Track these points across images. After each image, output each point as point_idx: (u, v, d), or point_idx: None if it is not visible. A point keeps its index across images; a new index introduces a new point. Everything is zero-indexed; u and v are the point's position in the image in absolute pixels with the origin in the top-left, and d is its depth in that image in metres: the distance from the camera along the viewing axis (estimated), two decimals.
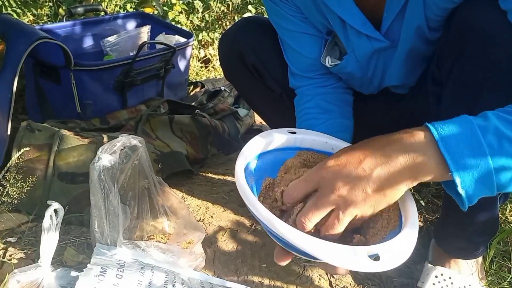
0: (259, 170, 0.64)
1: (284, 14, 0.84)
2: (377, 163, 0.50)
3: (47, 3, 2.00)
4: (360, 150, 0.52)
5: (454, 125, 0.49)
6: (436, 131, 0.49)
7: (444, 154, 0.48)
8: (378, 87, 0.88)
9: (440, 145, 0.48)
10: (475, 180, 0.48)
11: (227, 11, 2.61)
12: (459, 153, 0.47)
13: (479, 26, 0.62)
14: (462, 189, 0.48)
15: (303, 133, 0.67)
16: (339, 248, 0.47)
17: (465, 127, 0.49)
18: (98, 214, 0.78)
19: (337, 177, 0.51)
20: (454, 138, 0.48)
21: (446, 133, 0.48)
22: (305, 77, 0.89)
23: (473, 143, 0.48)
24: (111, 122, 1.30)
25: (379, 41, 0.76)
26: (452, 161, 0.47)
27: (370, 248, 0.48)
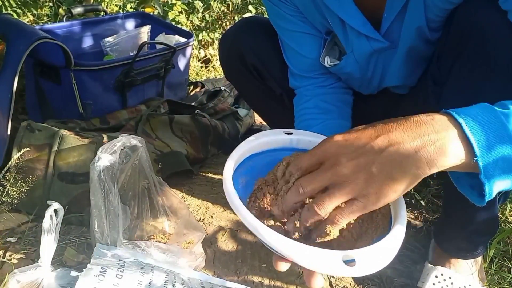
0: (252, 170, 0.63)
1: (284, 14, 0.84)
2: (391, 142, 0.44)
3: (47, 3, 2.00)
4: (373, 128, 0.47)
5: (476, 110, 0.45)
6: (459, 115, 0.44)
7: (468, 136, 0.42)
8: (377, 87, 0.88)
9: (464, 127, 0.43)
10: (499, 169, 0.43)
11: (227, 11, 2.61)
12: (484, 138, 0.43)
13: (479, 26, 0.62)
14: (485, 177, 0.43)
15: (299, 134, 0.66)
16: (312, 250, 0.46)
17: (487, 112, 0.44)
18: (98, 214, 0.78)
19: (341, 151, 0.46)
20: (478, 122, 0.43)
21: (470, 117, 0.44)
22: (305, 77, 0.89)
23: (498, 128, 0.43)
24: (111, 122, 1.30)
25: (378, 41, 0.76)
26: (478, 146, 0.42)
27: (347, 252, 0.46)
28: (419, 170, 0.44)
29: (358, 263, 0.45)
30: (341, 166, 0.45)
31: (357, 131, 0.48)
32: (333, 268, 0.45)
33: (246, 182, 0.61)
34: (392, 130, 0.45)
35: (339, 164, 0.46)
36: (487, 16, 0.62)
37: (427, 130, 0.44)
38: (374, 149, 0.44)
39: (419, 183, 0.47)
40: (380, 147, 0.44)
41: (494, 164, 0.43)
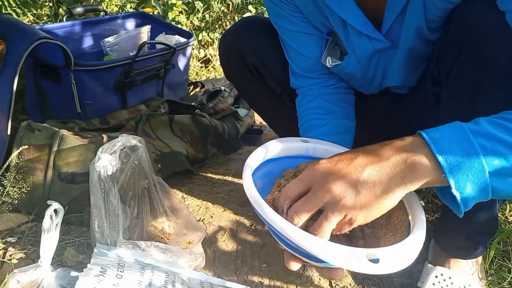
0: (269, 174, 0.65)
1: (284, 14, 0.84)
2: (368, 161, 0.50)
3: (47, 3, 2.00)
4: (353, 152, 0.53)
5: (445, 130, 0.49)
6: (428, 135, 0.49)
7: (436, 155, 0.47)
8: (379, 87, 0.88)
9: (432, 147, 0.48)
10: (470, 181, 0.47)
11: (227, 11, 2.61)
12: (452, 154, 0.47)
13: (478, 26, 0.62)
14: (457, 190, 0.47)
15: (315, 143, 0.68)
16: (338, 248, 0.48)
17: (456, 131, 0.49)
18: (98, 214, 0.78)
19: (328, 175, 0.51)
20: (446, 140, 0.48)
21: (438, 136, 0.49)
22: (307, 77, 0.89)
23: (465, 144, 0.47)
24: (111, 122, 1.30)
25: (379, 41, 0.76)
26: (445, 162, 0.47)
27: (370, 250, 0.48)
28: (397, 186, 0.49)
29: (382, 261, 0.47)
30: (330, 186, 0.50)
31: (339, 156, 0.54)
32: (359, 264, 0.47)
33: (263, 185, 0.63)
34: (369, 151, 0.51)
35: (327, 185, 0.50)
36: (486, 17, 0.62)
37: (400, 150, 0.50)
38: (356, 169, 0.50)
39: None
40: (360, 165, 0.50)
41: (464, 179, 0.47)
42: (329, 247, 0.48)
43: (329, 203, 0.50)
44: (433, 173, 0.48)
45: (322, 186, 0.51)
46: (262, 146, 0.64)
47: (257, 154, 0.63)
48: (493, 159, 0.47)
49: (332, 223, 0.51)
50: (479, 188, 0.48)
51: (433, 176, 0.48)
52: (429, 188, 1.17)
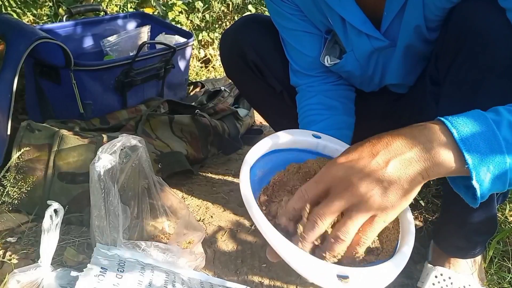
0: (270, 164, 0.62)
1: (284, 13, 0.84)
2: (391, 156, 0.47)
3: (47, 3, 1.99)
4: (370, 145, 0.49)
5: (468, 118, 0.47)
6: (451, 123, 0.47)
7: (459, 145, 0.45)
8: (378, 84, 0.88)
9: (456, 137, 0.46)
10: (490, 173, 0.45)
11: (227, 11, 2.61)
12: (474, 145, 0.45)
13: (476, 25, 0.63)
14: (477, 182, 0.46)
15: (327, 140, 0.66)
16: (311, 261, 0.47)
17: (480, 121, 0.47)
18: (98, 214, 0.78)
19: (351, 173, 0.47)
20: (470, 130, 0.46)
21: (461, 125, 0.46)
22: (307, 75, 0.89)
23: (490, 136, 0.45)
24: (111, 122, 1.30)
25: (379, 40, 0.76)
26: (468, 154, 0.45)
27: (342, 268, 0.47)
28: (420, 177, 0.47)
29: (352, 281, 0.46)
30: (355, 188, 0.47)
31: (356, 151, 0.49)
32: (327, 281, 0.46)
33: (263, 175, 0.61)
34: (390, 143, 0.48)
35: (352, 186, 0.47)
36: (485, 16, 0.62)
37: (421, 140, 0.47)
38: (380, 164, 0.47)
39: None
40: (383, 161, 0.47)
41: (485, 170, 0.45)
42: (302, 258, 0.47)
43: (355, 203, 0.47)
44: (456, 164, 0.46)
45: (346, 186, 0.47)
46: (272, 135, 0.62)
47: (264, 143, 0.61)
48: None
49: (357, 223, 0.48)
50: (498, 180, 0.46)
51: (455, 167, 0.46)
52: (429, 188, 1.17)
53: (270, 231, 0.48)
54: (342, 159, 0.50)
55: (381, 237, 0.57)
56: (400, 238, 0.56)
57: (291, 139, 0.64)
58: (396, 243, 0.56)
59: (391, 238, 0.56)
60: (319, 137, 0.66)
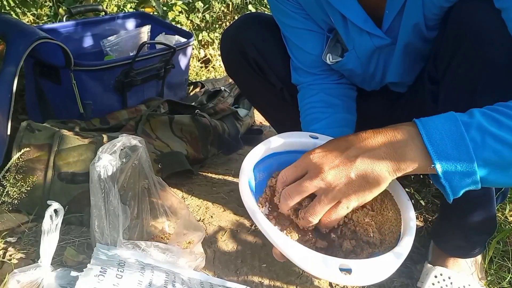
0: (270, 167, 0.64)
1: (286, 11, 0.84)
2: (362, 150, 0.53)
3: (47, 3, 1.99)
4: (346, 140, 0.55)
5: (439, 120, 0.51)
6: (422, 125, 0.51)
7: (427, 145, 0.49)
8: (380, 83, 0.88)
9: (424, 137, 0.50)
10: (458, 172, 0.49)
11: (227, 11, 2.61)
12: (442, 146, 0.49)
13: (474, 24, 0.63)
14: (445, 181, 0.50)
15: (324, 140, 0.67)
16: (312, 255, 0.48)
17: (450, 123, 0.50)
18: (98, 214, 0.78)
19: (323, 162, 0.54)
20: (438, 132, 0.50)
21: (431, 127, 0.50)
22: (309, 73, 0.89)
23: (456, 137, 0.49)
24: (111, 122, 1.30)
25: (380, 38, 0.77)
26: (434, 153, 0.49)
27: (344, 261, 0.49)
28: (387, 173, 0.52)
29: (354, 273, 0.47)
30: (325, 173, 0.53)
31: (333, 142, 0.56)
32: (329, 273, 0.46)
33: (263, 178, 0.64)
34: (363, 140, 0.54)
35: (322, 172, 0.53)
36: (483, 15, 0.62)
37: (392, 139, 0.52)
38: (350, 156, 0.53)
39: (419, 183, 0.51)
40: (354, 154, 0.53)
41: (452, 169, 0.49)
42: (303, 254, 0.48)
43: (323, 189, 0.53)
44: (423, 163, 0.51)
45: (317, 173, 0.53)
46: (270, 139, 0.64)
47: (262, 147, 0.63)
48: (483, 153, 0.49)
49: (325, 206, 0.54)
50: (467, 179, 0.50)
51: (422, 165, 0.51)
52: (429, 188, 1.17)
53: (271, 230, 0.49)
54: (319, 149, 0.56)
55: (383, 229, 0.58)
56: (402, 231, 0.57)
57: (289, 141, 0.65)
58: (398, 234, 0.57)
59: (393, 230, 0.58)
60: (316, 137, 0.67)
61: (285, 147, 0.66)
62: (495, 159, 0.49)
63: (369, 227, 0.58)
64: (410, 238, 0.56)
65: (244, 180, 0.57)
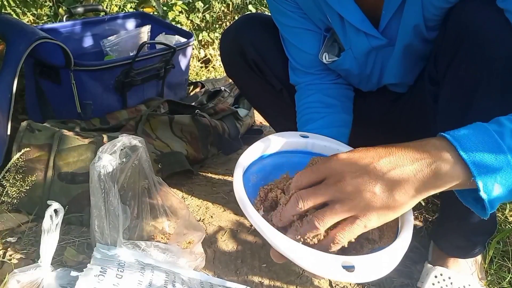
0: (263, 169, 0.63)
1: (284, 10, 0.84)
2: (392, 165, 0.47)
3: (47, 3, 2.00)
4: (376, 150, 0.49)
5: (469, 131, 0.47)
6: (453, 138, 0.46)
7: (464, 157, 0.45)
8: (377, 84, 0.88)
9: (459, 150, 0.45)
10: (498, 183, 0.45)
11: (227, 11, 2.61)
12: (479, 156, 0.45)
13: (475, 25, 0.63)
14: (485, 193, 0.45)
15: (315, 138, 0.66)
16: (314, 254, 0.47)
17: (482, 132, 0.47)
18: (98, 214, 0.78)
19: (347, 170, 0.48)
20: (472, 142, 0.46)
21: (464, 138, 0.46)
22: (307, 73, 0.89)
23: (493, 146, 0.45)
24: (111, 122, 1.30)
25: (377, 38, 0.77)
26: (473, 165, 0.45)
27: (346, 258, 0.47)
28: (417, 192, 0.46)
29: (357, 270, 0.46)
30: (345, 183, 0.47)
31: (360, 151, 0.49)
32: (332, 272, 0.46)
33: (256, 181, 0.62)
34: (393, 153, 0.47)
35: (343, 181, 0.47)
36: (483, 16, 0.62)
37: (423, 155, 0.46)
38: (377, 170, 0.46)
39: None
40: (382, 168, 0.46)
41: (492, 181, 0.45)
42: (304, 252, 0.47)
43: (341, 198, 0.47)
44: (460, 177, 0.46)
45: (336, 180, 0.47)
46: (261, 140, 0.62)
47: (254, 149, 0.61)
48: None
49: (336, 217, 0.47)
50: (507, 189, 0.46)
51: (460, 180, 0.46)
52: None
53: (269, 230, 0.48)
54: (344, 156, 0.50)
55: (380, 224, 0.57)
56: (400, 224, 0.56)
57: (280, 142, 0.64)
58: (397, 228, 0.56)
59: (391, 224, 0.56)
60: (307, 136, 0.66)
61: (277, 148, 0.65)
62: None
63: None
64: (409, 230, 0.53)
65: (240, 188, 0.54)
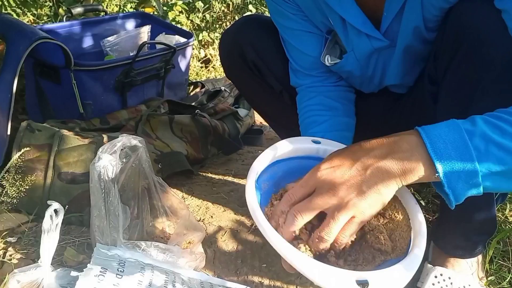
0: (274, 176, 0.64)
1: (285, 12, 0.84)
2: (369, 163, 0.52)
3: (47, 3, 2.00)
4: (352, 152, 0.55)
5: (442, 128, 0.51)
6: (425, 133, 0.51)
7: (431, 155, 0.49)
8: (378, 85, 0.88)
9: (428, 146, 0.50)
10: (462, 181, 0.50)
11: (227, 11, 2.61)
12: (446, 155, 0.49)
13: (474, 25, 0.63)
14: (449, 189, 0.50)
15: (327, 144, 0.67)
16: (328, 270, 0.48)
17: (453, 131, 0.50)
18: (98, 214, 0.78)
19: (332, 177, 0.53)
20: (442, 140, 0.50)
21: (435, 135, 0.50)
22: (308, 75, 0.89)
23: (460, 146, 0.49)
24: (111, 122, 1.30)
25: (379, 40, 0.77)
26: (439, 163, 0.49)
27: (360, 273, 0.48)
28: (395, 183, 0.52)
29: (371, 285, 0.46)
30: (336, 189, 0.52)
31: (338, 157, 0.55)
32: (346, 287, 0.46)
33: (268, 187, 0.62)
34: (368, 151, 0.53)
35: (333, 187, 0.52)
36: (483, 16, 0.62)
37: (396, 150, 0.52)
38: (359, 171, 0.52)
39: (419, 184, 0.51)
40: (363, 167, 0.52)
41: (456, 177, 0.50)
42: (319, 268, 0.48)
43: (335, 205, 0.52)
44: (427, 172, 0.51)
45: (327, 189, 0.52)
46: (271, 147, 0.63)
47: (266, 156, 0.61)
48: (486, 160, 0.49)
49: (339, 222, 0.52)
50: (470, 187, 0.50)
51: (427, 174, 0.51)
52: (429, 188, 1.17)
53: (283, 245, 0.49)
54: (325, 165, 0.54)
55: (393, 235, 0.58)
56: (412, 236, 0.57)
57: (292, 147, 0.65)
58: (409, 240, 0.57)
59: (404, 236, 0.58)
60: (319, 142, 0.67)
61: (288, 154, 0.65)
62: (498, 167, 0.49)
63: (380, 234, 0.57)
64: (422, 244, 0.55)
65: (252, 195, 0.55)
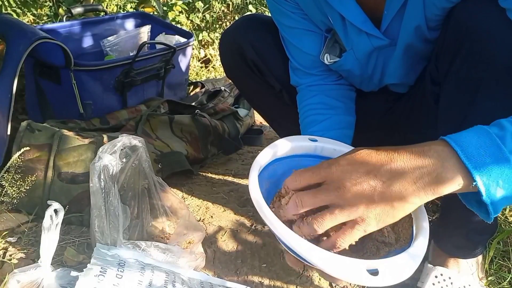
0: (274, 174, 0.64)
1: (285, 11, 0.84)
2: (393, 173, 0.47)
3: (47, 3, 2.00)
4: (378, 156, 0.49)
5: (470, 134, 0.47)
6: (454, 142, 0.46)
7: (465, 163, 0.45)
8: (378, 84, 0.88)
9: (460, 155, 0.45)
10: (500, 187, 0.45)
11: (227, 11, 2.62)
12: (481, 161, 0.45)
13: (476, 25, 0.63)
14: (487, 197, 0.45)
15: (324, 142, 0.67)
16: (338, 259, 0.47)
17: (483, 136, 0.46)
18: (98, 214, 0.78)
19: (346, 177, 0.48)
20: (474, 147, 0.46)
21: (464, 142, 0.46)
22: (308, 74, 0.89)
23: (494, 150, 0.45)
24: (111, 122, 1.30)
25: (378, 39, 0.77)
26: (476, 171, 0.45)
27: (370, 262, 0.48)
28: (417, 198, 0.48)
29: (381, 274, 0.46)
30: (345, 191, 0.48)
31: (360, 157, 0.50)
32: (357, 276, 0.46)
33: (269, 186, 0.62)
34: (394, 160, 0.48)
35: (343, 188, 0.48)
36: (485, 15, 0.62)
37: (425, 161, 0.47)
38: (377, 178, 0.47)
39: None
40: (383, 176, 0.47)
41: (495, 185, 0.45)
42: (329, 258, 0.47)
43: (340, 203, 0.48)
44: (462, 183, 0.46)
45: (336, 187, 0.48)
46: (270, 145, 0.63)
47: (265, 154, 0.61)
48: None
49: (335, 220, 0.48)
50: (509, 193, 0.46)
51: (462, 186, 0.46)
52: None
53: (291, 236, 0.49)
54: (344, 161, 0.50)
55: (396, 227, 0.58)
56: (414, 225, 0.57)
57: (289, 146, 0.64)
58: (411, 230, 0.57)
59: (406, 226, 0.57)
60: (316, 140, 0.66)
61: (286, 153, 0.65)
62: None
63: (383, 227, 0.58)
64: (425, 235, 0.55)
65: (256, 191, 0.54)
